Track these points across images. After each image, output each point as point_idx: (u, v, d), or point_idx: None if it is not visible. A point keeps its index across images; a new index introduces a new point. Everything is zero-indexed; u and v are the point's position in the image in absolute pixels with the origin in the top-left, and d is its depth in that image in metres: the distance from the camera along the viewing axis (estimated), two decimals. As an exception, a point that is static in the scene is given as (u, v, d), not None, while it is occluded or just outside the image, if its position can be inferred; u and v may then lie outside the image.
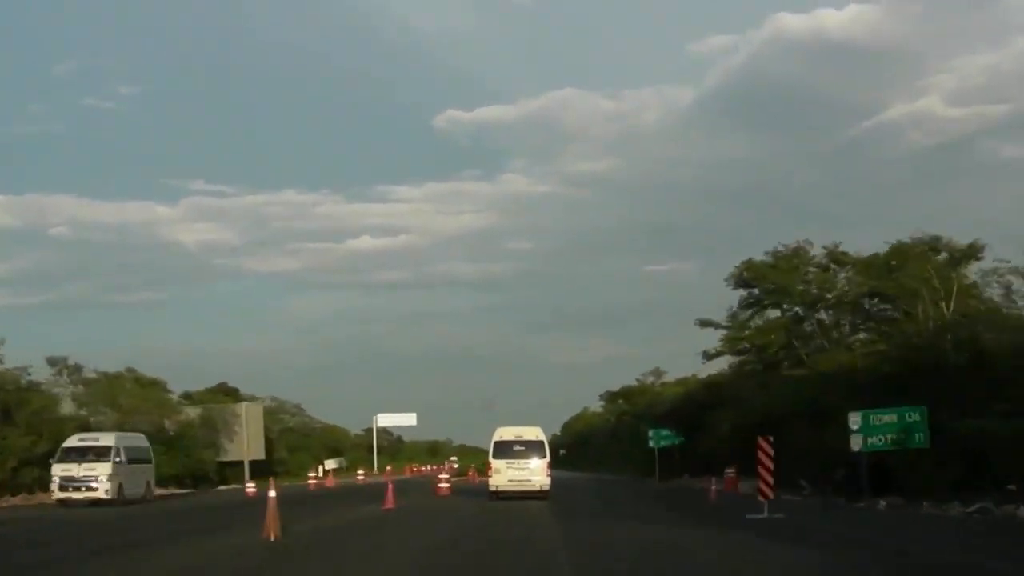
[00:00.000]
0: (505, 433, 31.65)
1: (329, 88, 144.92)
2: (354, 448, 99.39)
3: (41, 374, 46.16)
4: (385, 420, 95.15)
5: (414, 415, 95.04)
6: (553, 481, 32.00)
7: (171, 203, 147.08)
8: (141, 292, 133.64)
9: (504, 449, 31.09)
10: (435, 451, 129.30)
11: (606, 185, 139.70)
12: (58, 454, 33.98)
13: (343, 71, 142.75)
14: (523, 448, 31.01)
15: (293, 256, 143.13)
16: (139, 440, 37.82)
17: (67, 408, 47.09)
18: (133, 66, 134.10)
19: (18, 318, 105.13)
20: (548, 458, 31.33)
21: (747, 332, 46.99)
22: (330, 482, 55.01)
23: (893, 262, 37.27)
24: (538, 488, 30.42)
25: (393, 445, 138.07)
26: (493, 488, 30.74)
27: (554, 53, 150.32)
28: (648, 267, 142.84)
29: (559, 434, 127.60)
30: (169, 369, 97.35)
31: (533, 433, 31.88)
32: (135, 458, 35.42)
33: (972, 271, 36.23)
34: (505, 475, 30.74)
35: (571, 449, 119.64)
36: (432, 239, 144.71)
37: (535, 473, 30.75)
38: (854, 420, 28.16)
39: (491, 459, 31.35)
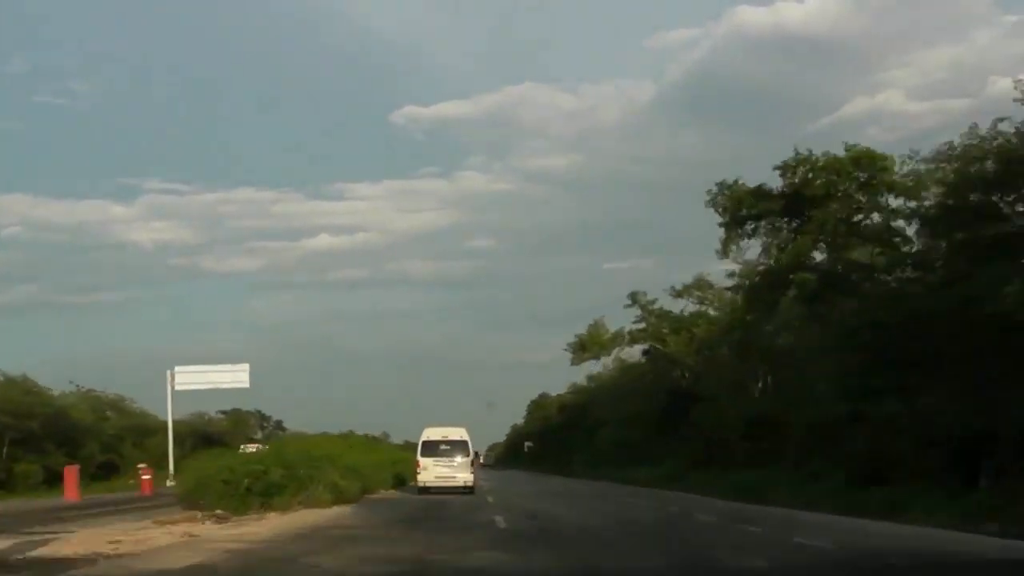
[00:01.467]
0: (432, 433, 32.65)
1: (286, 84, 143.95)
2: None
3: None
4: (190, 377, 48.06)
5: (245, 367, 48.21)
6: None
7: (126, 202, 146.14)
8: (96, 293, 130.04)
9: (431, 448, 32.20)
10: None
11: (566, 182, 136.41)
12: None
13: (300, 66, 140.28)
14: (448, 447, 32.18)
15: (251, 255, 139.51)
16: None
17: None
18: (86, 62, 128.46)
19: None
20: (472, 456, 32.67)
21: None
22: None
23: None
24: (462, 484, 31.50)
25: (272, 435, 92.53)
26: (421, 484, 31.86)
27: (512, 47, 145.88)
28: (608, 264, 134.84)
29: (522, 423, 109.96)
30: (125, 372, 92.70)
31: (458, 433, 32.86)
32: None
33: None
34: (432, 472, 31.79)
35: (545, 440, 76.21)
36: (391, 237, 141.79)
37: (459, 470, 31.85)
38: None
39: (419, 457, 32.27)
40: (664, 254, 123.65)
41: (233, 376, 48.80)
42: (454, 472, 31.70)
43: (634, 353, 56.81)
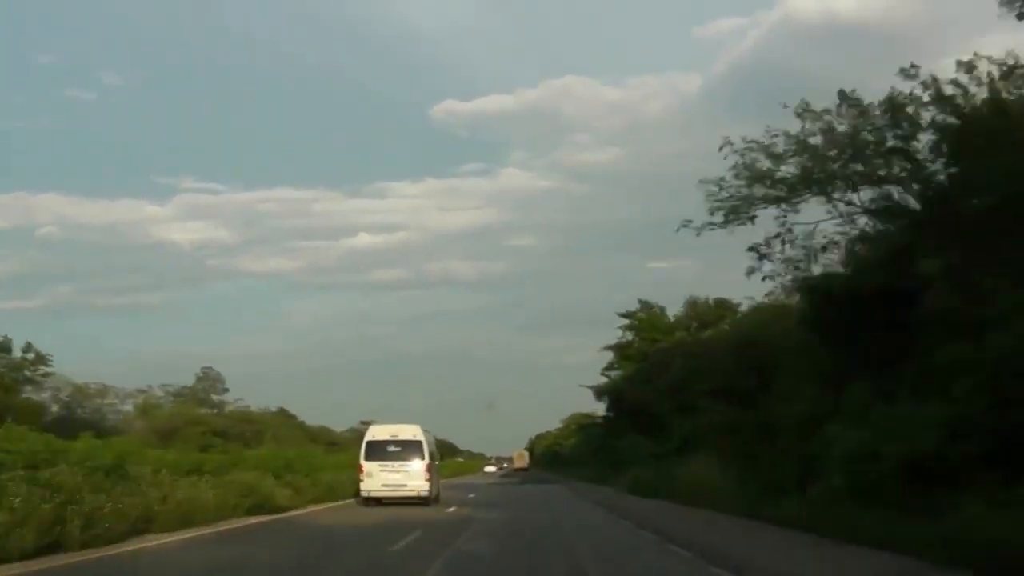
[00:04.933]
0: (378, 432, 29.07)
1: (325, 79, 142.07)
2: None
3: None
4: None
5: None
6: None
7: (162, 201, 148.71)
8: (132, 294, 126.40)
9: (377, 450, 28.23)
10: (320, 439, 64.08)
11: (609, 178, 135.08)
12: None
13: (339, 62, 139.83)
14: (399, 449, 28.15)
15: (288, 255, 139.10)
16: None
17: None
18: (117, 54, 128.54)
19: (5, 323, 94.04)
20: (428, 460, 28.26)
21: None
22: None
23: None
24: (415, 494, 27.86)
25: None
26: (365, 493, 28.09)
27: (554, 39, 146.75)
28: (652, 264, 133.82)
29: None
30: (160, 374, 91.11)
31: (411, 432, 28.74)
32: None
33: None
34: (378, 479, 27.87)
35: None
36: (431, 236, 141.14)
37: (412, 477, 27.99)
38: None
39: (362, 461, 28.23)
40: (708, 253, 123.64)
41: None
42: (406, 479, 27.70)
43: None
